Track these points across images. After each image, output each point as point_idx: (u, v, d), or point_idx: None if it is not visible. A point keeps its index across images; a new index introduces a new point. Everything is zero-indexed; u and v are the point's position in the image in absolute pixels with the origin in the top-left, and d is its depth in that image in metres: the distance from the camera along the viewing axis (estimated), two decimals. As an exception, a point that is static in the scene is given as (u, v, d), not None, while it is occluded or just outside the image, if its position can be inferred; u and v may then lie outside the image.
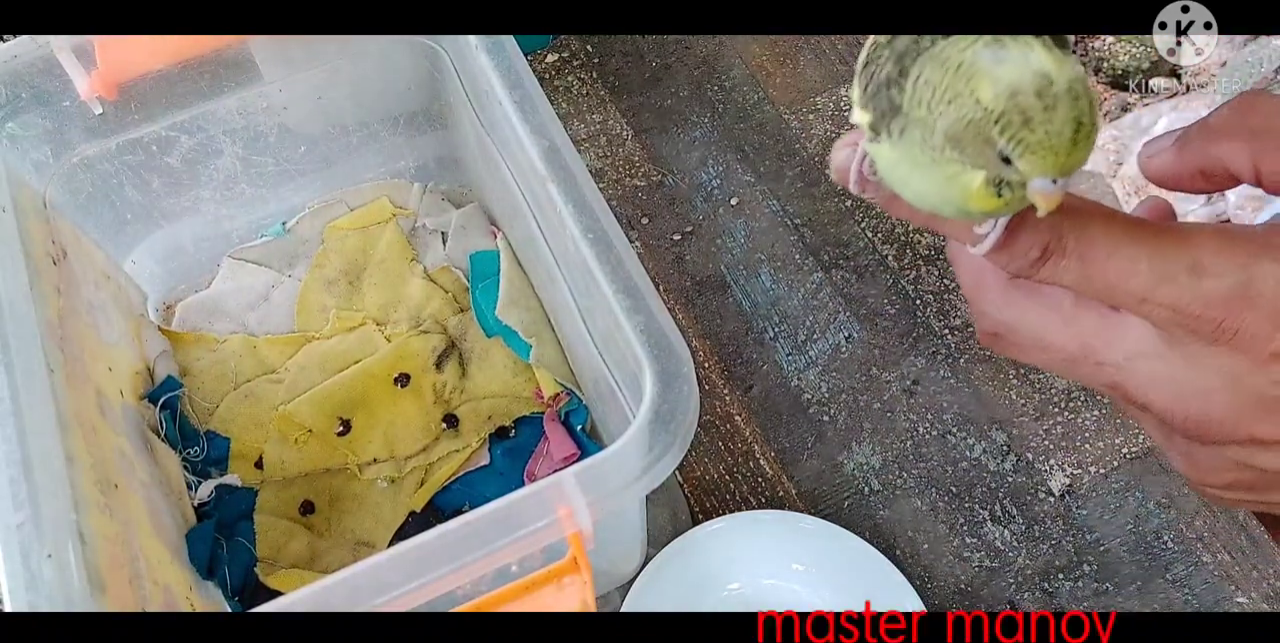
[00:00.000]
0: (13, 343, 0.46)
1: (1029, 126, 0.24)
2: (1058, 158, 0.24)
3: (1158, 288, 0.27)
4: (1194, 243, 0.27)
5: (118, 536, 0.46)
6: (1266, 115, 0.29)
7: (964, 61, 0.25)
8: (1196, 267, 0.27)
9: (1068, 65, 0.24)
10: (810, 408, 0.69)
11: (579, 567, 0.41)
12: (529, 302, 0.66)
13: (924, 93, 0.26)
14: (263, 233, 0.70)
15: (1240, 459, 0.29)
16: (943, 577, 0.64)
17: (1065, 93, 0.24)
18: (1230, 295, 0.27)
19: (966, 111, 0.25)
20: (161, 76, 0.55)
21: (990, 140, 0.25)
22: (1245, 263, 0.27)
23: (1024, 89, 0.24)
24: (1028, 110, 0.24)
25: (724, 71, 0.82)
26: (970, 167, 0.26)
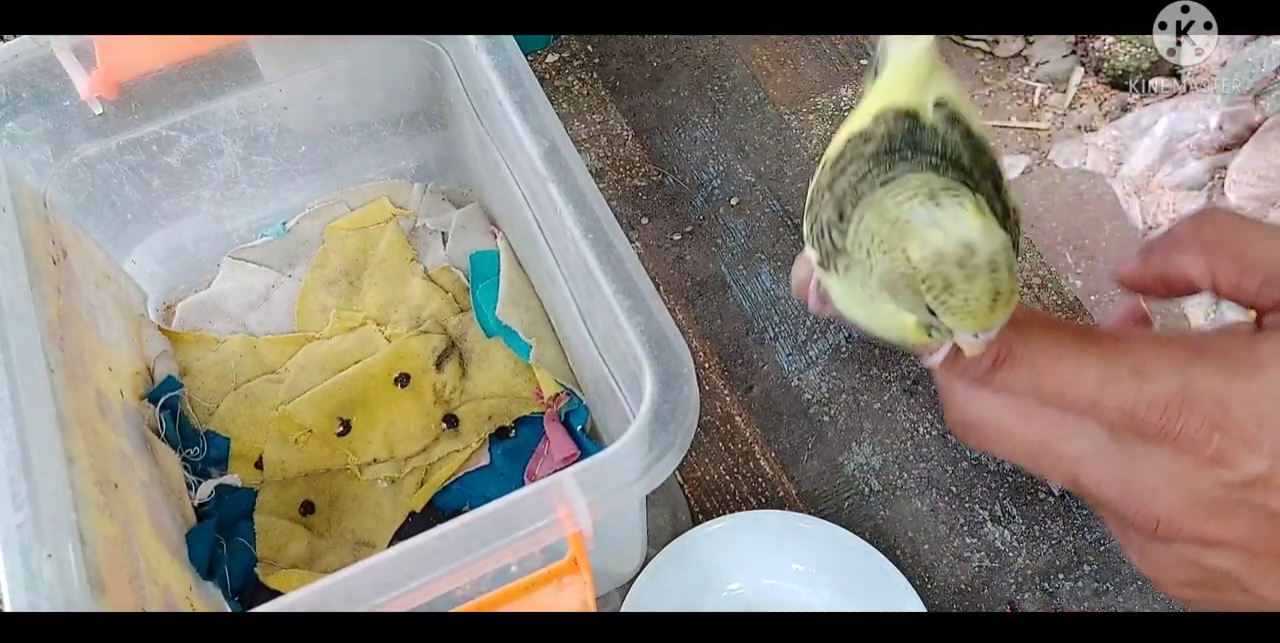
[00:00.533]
0: (13, 343, 0.46)
1: (950, 291, 0.26)
2: (976, 320, 0.26)
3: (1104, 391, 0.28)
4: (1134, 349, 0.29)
5: (118, 536, 0.46)
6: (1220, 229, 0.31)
7: (899, 216, 0.27)
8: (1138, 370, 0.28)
9: (994, 234, 0.26)
10: (810, 408, 0.69)
11: (579, 567, 0.41)
12: (529, 302, 0.66)
13: (864, 238, 0.28)
14: (263, 233, 0.70)
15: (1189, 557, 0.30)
16: (943, 577, 0.64)
17: (985, 264, 0.25)
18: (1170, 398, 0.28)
19: (898, 265, 0.26)
20: (161, 76, 0.55)
21: (919, 293, 0.26)
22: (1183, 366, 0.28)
23: (948, 257, 0.26)
24: (950, 277, 0.26)
25: (724, 71, 0.82)
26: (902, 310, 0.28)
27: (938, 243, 0.26)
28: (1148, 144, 0.80)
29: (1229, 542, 0.29)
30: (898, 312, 0.28)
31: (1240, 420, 0.27)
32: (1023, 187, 0.79)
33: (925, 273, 0.26)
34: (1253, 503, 0.28)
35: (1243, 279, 0.30)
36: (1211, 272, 0.31)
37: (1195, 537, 0.29)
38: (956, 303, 0.26)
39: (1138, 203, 0.77)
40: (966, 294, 0.26)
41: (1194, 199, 0.78)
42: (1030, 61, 0.89)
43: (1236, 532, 0.29)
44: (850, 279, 0.29)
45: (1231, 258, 0.30)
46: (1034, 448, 0.31)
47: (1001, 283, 0.26)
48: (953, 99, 0.30)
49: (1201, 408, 0.28)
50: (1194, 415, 0.28)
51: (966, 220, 0.26)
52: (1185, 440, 0.28)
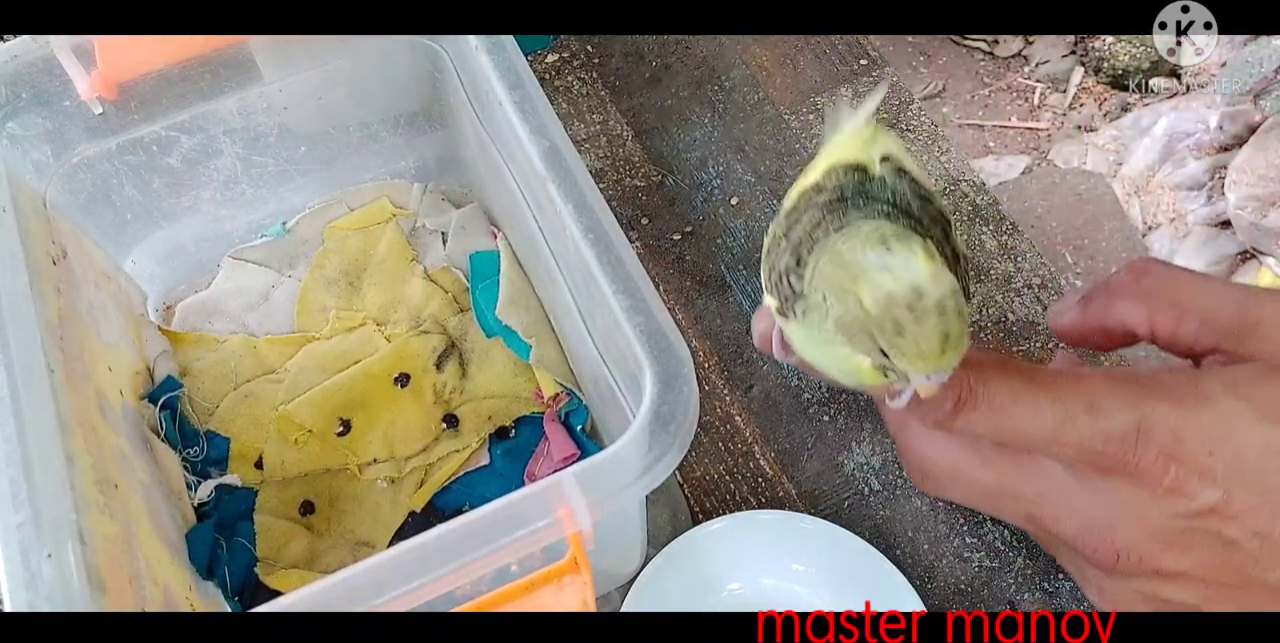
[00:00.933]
0: (13, 343, 0.46)
1: (901, 335, 0.27)
2: (926, 362, 0.27)
3: (1061, 428, 0.29)
4: (1089, 386, 0.30)
5: (118, 536, 0.46)
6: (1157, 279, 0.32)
7: (853, 261, 0.27)
8: (1093, 407, 0.29)
9: (943, 278, 0.26)
10: (810, 408, 0.69)
11: (579, 567, 0.41)
12: (529, 302, 0.66)
13: (819, 282, 0.29)
14: (263, 233, 0.70)
15: (1146, 592, 0.31)
16: (943, 577, 0.64)
17: (934, 307, 0.26)
18: (1126, 432, 0.29)
19: (851, 309, 0.27)
20: (161, 76, 0.55)
21: (872, 337, 0.27)
22: (1136, 402, 0.29)
23: (898, 301, 0.26)
24: (900, 321, 0.26)
25: (724, 72, 0.82)
26: (857, 352, 0.29)
27: (888, 286, 0.26)
28: (1148, 144, 0.80)
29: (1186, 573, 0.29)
30: (853, 354, 0.29)
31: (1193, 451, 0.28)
32: (1023, 186, 0.79)
33: (876, 316, 0.26)
34: (1208, 532, 0.29)
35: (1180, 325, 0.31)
36: (1150, 318, 0.32)
37: (1153, 569, 0.30)
38: (908, 345, 0.26)
39: (1138, 203, 0.78)
40: (917, 337, 0.26)
41: (1194, 199, 0.78)
42: (1030, 61, 0.90)
43: (1193, 562, 0.29)
44: (809, 323, 0.30)
45: (1169, 304, 0.32)
46: (991, 489, 0.32)
47: (951, 325, 0.26)
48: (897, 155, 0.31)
49: (1156, 439, 0.28)
50: (1149, 447, 0.28)
51: (916, 265, 0.26)
52: (1142, 472, 0.28)
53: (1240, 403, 0.28)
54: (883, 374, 0.29)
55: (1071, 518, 0.31)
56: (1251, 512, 0.28)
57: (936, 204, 0.30)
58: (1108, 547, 0.30)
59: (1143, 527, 0.29)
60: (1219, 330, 0.30)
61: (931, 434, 0.33)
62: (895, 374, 0.28)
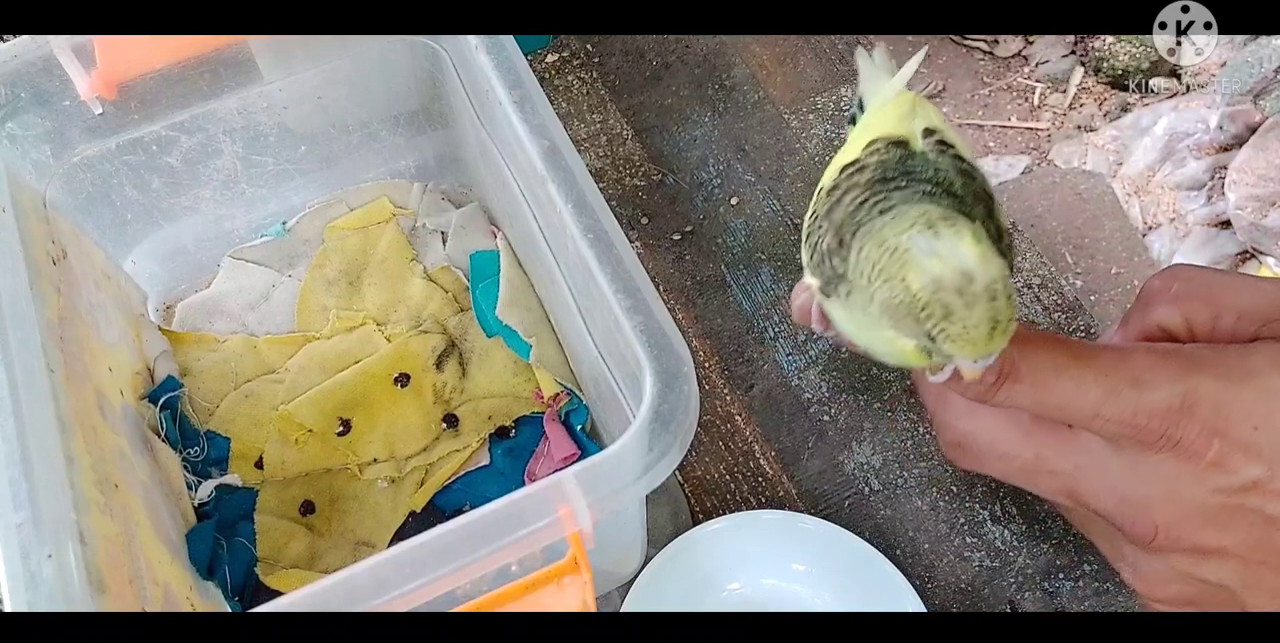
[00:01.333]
0: (13, 343, 0.46)
1: (949, 320, 0.26)
2: (975, 347, 0.26)
3: (1105, 403, 0.29)
4: (1133, 360, 0.30)
5: (118, 536, 0.46)
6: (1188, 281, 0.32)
7: (899, 246, 0.27)
8: (1138, 381, 0.29)
9: (992, 263, 0.26)
10: (811, 407, 0.69)
11: (579, 567, 0.41)
12: (529, 302, 0.66)
13: (864, 266, 0.28)
14: (263, 233, 0.70)
15: (1183, 569, 0.30)
16: (943, 577, 0.64)
17: (983, 292, 0.26)
18: (1171, 406, 0.28)
19: (898, 293, 0.27)
20: (161, 76, 0.55)
21: (919, 321, 0.27)
22: (1181, 376, 0.29)
23: (947, 285, 0.26)
24: (949, 305, 0.26)
25: (724, 71, 0.82)
26: (902, 335, 0.28)
27: (936, 271, 0.26)
28: (1148, 144, 0.80)
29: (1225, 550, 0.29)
30: (898, 337, 0.28)
31: (1238, 426, 0.28)
32: (1023, 186, 0.79)
33: (924, 301, 0.26)
34: (1249, 509, 0.28)
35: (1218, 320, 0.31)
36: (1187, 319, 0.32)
37: (1192, 546, 0.30)
38: (955, 331, 0.26)
39: (1138, 203, 0.78)
40: (965, 322, 0.26)
41: (1194, 199, 0.78)
42: (1030, 61, 0.89)
43: (1233, 539, 0.29)
44: (852, 305, 0.30)
45: (1202, 303, 0.32)
46: (1030, 464, 0.32)
47: (1000, 311, 0.26)
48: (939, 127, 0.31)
49: (1200, 414, 0.28)
50: (1193, 422, 0.28)
51: (964, 249, 0.26)
52: (1185, 447, 0.28)
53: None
54: (927, 356, 0.28)
55: (1111, 493, 0.31)
56: None
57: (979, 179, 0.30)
58: (1146, 522, 0.30)
59: (1183, 502, 0.29)
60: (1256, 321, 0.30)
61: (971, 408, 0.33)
62: (940, 356, 0.28)
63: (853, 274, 0.29)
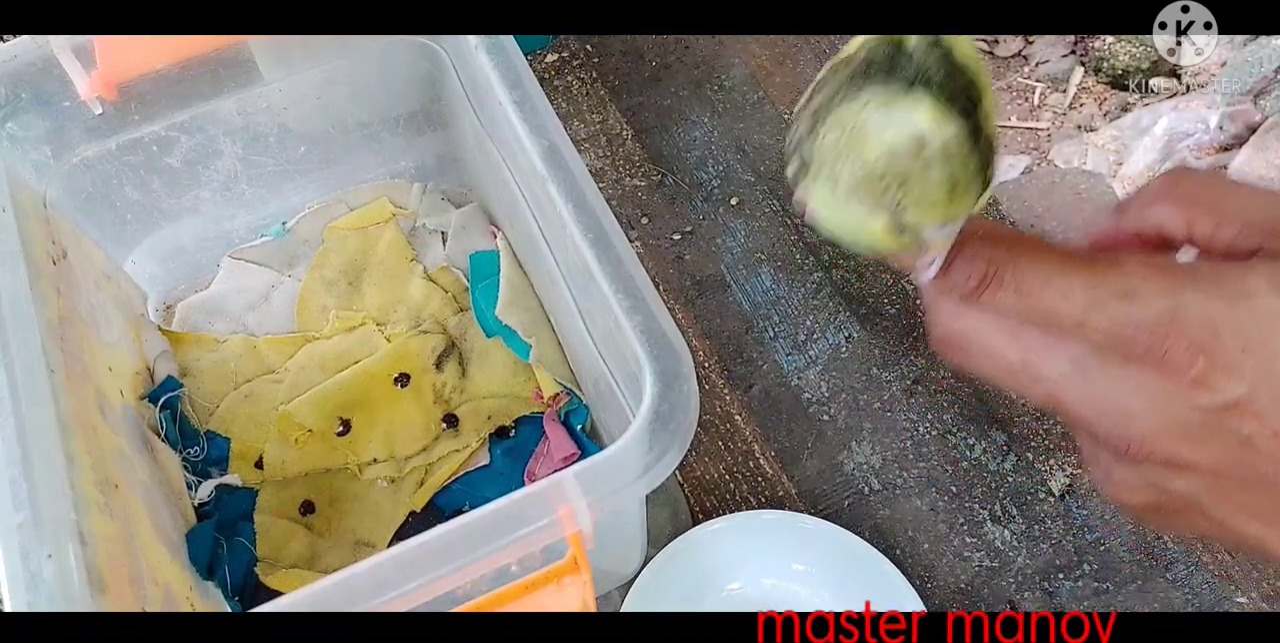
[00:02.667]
0: (13, 343, 0.46)
1: (907, 186, 0.27)
2: (937, 210, 0.27)
3: (1091, 312, 0.29)
4: (1125, 271, 0.29)
5: (118, 536, 0.46)
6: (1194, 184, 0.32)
7: (856, 124, 0.27)
8: (1128, 293, 0.29)
9: (946, 126, 0.26)
10: (810, 407, 0.69)
11: (579, 567, 0.41)
12: (529, 302, 0.66)
13: (828, 152, 0.29)
14: (263, 233, 0.70)
15: (1154, 480, 0.31)
16: (943, 577, 0.64)
17: (938, 154, 0.26)
18: (1159, 321, 0.28)
19: (856, 167, 0.27)
20: (161, 76, 0.55)
21: (881, 193, 0.27)
22: (1173, 291, 0.29)
23: (900, 151, 0.26)
24: (905, 171, 0.26)
25: (724, 71, 0.82)
26: (870, 212, 0.29)
27: (890, 138, 0.26)
28: (1148, 144, 0.80)
29: (1197, 465, 0.30)
30: (868, 217, 0.29)
31: (1226, 346, 0.28)
32: (1023, 187, 0.79)
33: (880, 170, 0.27)
34: (1227, 427, 0.29)
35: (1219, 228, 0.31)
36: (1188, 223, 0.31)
37: (1165, 459, 0.30)
38: (915, 196, 0.27)
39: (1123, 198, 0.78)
40: (924, 186, 0.26)
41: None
42: (1030, 61, 0.89)
43: (1206, 456, 0.29)
44: (820, 186, 0.30)
45: (1207, 209, 0.31)
46: (1014, 367, 0.32)
47: (956, 172, 0.26)
48: None
49: (1188, 331, 0.28)
50: (1180, 338, 0.28)
51: (917, 116, 0.26)
52: (1169, 362, 0.29)
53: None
54: (897, 235, 0.29)
55: (1091, 403, 0.31)
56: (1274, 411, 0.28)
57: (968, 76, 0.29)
58: (1122, 433, 0.30)
59: (1161, 416, 0.29)
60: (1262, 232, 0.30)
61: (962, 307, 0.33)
62: (909, 233, 0.28)
63: (817, 156, 0.29)
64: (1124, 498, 0.32)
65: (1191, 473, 0.30)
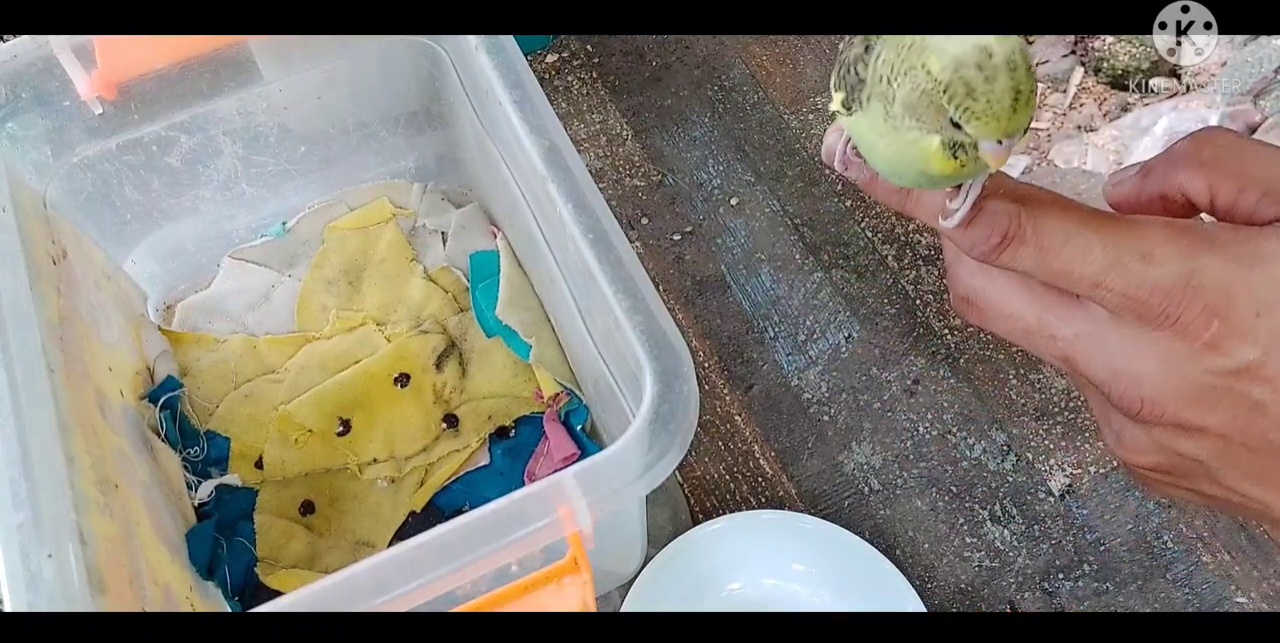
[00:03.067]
0: (13, 343, 0.46)
1: (972, 96, 0.26)
2: (999, 123, 0.27)
3: (1108, 274, 0.29)
4: (1145, 233, 0.29)
5: (118, 536, 0.46)
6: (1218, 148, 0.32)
7: (916, 41, 0.27)
8: (1146, 255, 0.29)
9: (1009, 40, 0.26)
10: (810, 408, 0.69)
11: (579, 567, 0.41)
12: (529, 302, 0.66)
13: (883, 69, 0.29)
14: (263, 233, 0.70)
15: (1164, 442, 0.31)
16: (943, 577, 0.64)
17: (1004, 64, 0.26)
18: (1175, 284, 0.28)
19: (920, 82, 0.27)
20: (161, 76, 0.55)
21: (941, 108, 0.27)
22: (1191, 254, 0.29)
23: (967, 62, 0.26)
24: (970, 81, 0.26)
25: (724, 71, 0.82)
26: (927, 132, 0.28)
27: (954, 51, 0.26)
28: (1148, 144, 0.80)
29: (1206, 429, 0.30)
30: (922, 137, 0.29)
31: (1240, 310, 0.28)
32: (1023, 186, 0.79)
33: (946, 81, 0.27)
34: (1237, 392, 0.29)
35: (1241, 195, 0.31)
36: (1211, 187, 0.31)
37: (1175, 422, 0.30)
38: (980, 107, 0.26)
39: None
40: (989, 95, 0.26)
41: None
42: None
43: (1216, 419, 0.30)
44: (873, 113, 0.30)
45: (1230, 174, 0.31)
46: (1032, 327, 0.32)
47: (1021, 82, 0.26)
48: None
49: (1204, 295, 0.28)
50: (1195, 302, 0.28)
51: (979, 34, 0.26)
52: (1183, 326, 0.29)
53: None
54: (953, 156, 0.29)
55: (1105, 364, 0.31)
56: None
57: None
58: (1134, 394, 0.30)
59: (1173, 379, 0.29)
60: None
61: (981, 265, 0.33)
62: (966, 152, 0.28)
63: (871, 80, 0.29)
64: (1134, 460, 0.32)
65: (1201, 436, 0.30)
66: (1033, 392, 0.69)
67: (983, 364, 0.70)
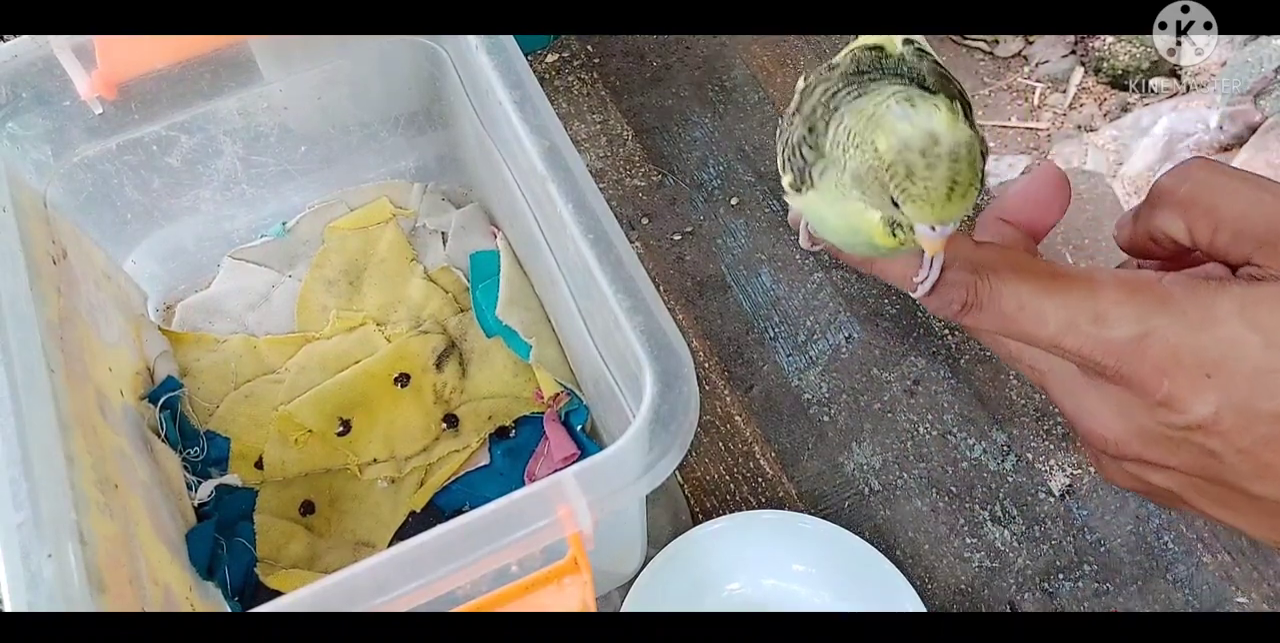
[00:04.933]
0: (13, 343, 0.46)
1: (911, 179, 0.27)
2: (934, 209, 0.28)
3: (1064, 336, 0.30)
4: (1099, 294, 0.30)
5: (118, 536, 0.46)
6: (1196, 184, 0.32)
7: (876, 113, 0.28)
8: (1099, 317, 0.30)
9: (960, 130, 0.27)
10: (811, 408, 0.69)
11: (579, 567, 0.41)
12: (529, 302, 0.66)
13: (841, 136, 0.29)
14: (263, 233, 0.70)
15: (1135, 473, 0.33)
16: (943, 577, 0.64)
17: (947, 154, 0.27)
18: (1126, 345, 0.30)
19: (868, 157, 0.28)
20: (161, 76, 0.55)
21: (884, 185, 0.28)
22: (1143, 316, 0.30)
23: (912, 146, 0.27)
24: (912, 165, 0.27)
25: (725, 72, 0.82)
26: (869, 206, 0.30)
27: (905, 133, 0.27)
28: (1148, 144, 0.80)
29: (1170, 467, 0.31)
30: (865, 210, 0.30)
31: (1190, 372, 0.29)
32: (1023, 187, 0.79)
33: (890, 161, 0.27)
34: (1193, 442, 0.30)
35: (1215, 235, 0.31)
36: (1189, 228, 0.32)
37: (1139, 459, 0.32)
38: (917, 191, 0.27)
39: (1138, 203, 0.78)
40: (926, 182, 0.27)
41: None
42: (1030, 61, 0.89)
43: (1177, 461, 0.31)
44: (825, 184, 0.31)
45: (1204, 213, 0.32)
46: (1015, 354, 0.34)
47: (960, 174, 0.27)
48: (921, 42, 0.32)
49: (1152, 356, 0.29)
50: (1145, 363, 0.29)
51: (936, 117, 0.27)
52: (1137, 384, 0.30)
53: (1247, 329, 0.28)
54: (891, 233, 0.30)
55: (1073, 402, 0.33)
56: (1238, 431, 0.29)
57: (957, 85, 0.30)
58: (1100, 434, 0.32)
59: (1131, 425, 0.31)
60: (1251, 243, 0.30)
61: None
62: (903, 233, 0.29)
63: (830, 148, 0.30)
64: (1115, 482, 0.34)
65: (1168, 472, 0.31)
66: (1033, 392, 0.69)
67: (983, 365, 0.70)
